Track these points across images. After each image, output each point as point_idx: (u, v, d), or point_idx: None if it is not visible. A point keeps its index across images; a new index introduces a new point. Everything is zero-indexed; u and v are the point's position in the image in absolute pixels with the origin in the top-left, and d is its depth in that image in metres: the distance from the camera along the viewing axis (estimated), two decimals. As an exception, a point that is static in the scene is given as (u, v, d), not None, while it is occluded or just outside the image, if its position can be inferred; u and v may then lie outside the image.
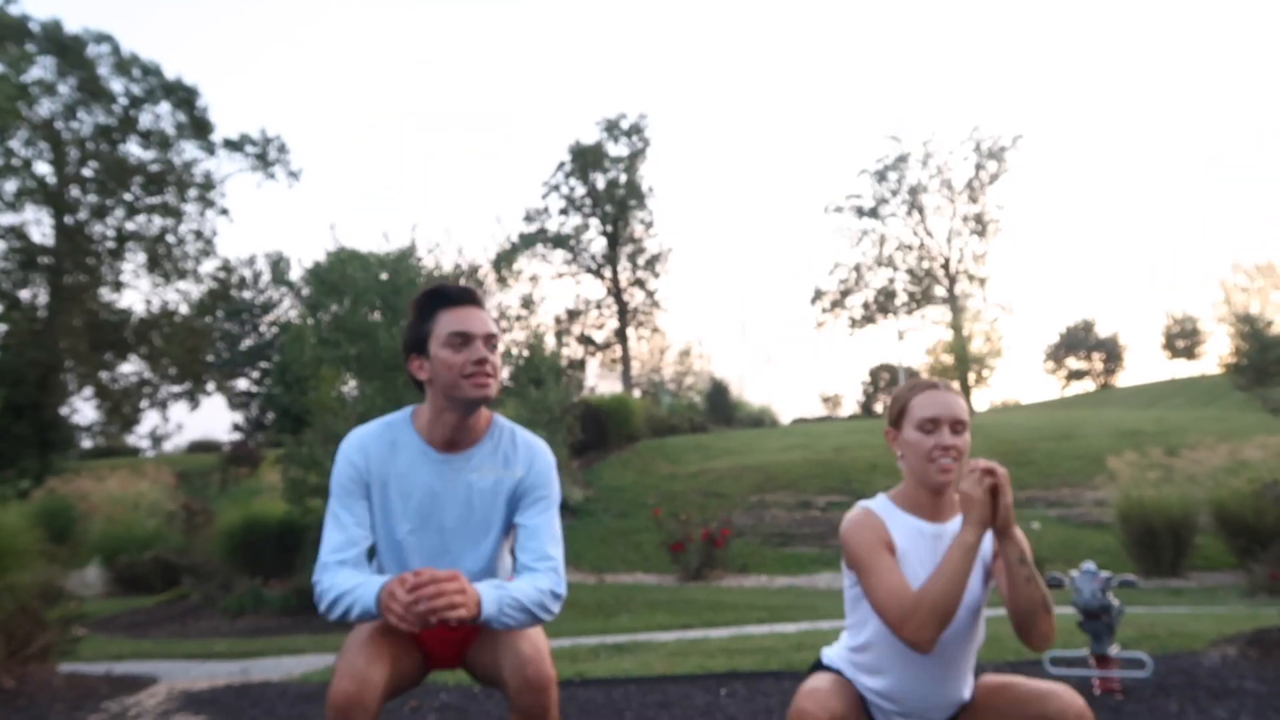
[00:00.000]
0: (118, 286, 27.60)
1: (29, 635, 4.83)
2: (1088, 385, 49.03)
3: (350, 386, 11.02)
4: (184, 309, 28.96)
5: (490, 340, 2.11)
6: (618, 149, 40.34)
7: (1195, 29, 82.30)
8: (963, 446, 2.00)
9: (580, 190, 40.22)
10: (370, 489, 2.15)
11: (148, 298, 28.52)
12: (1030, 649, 1.95)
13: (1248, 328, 28.24)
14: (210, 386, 33.27)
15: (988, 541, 2.02)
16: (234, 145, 28.06)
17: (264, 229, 71.07)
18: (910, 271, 43.83)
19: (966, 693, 2.08)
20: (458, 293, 2.14)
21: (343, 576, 2.01)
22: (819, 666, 2.17)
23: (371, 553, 2.19)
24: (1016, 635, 1.96)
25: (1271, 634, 4.22)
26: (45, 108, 24.81)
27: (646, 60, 77.81)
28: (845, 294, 44.73)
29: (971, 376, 34.85)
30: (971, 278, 43.27)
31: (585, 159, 39.70)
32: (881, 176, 43.84)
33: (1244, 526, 9.70)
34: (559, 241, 40.05)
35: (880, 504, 2.07)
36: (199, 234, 28.63)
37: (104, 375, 27.70)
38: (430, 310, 2.13)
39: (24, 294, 25.07)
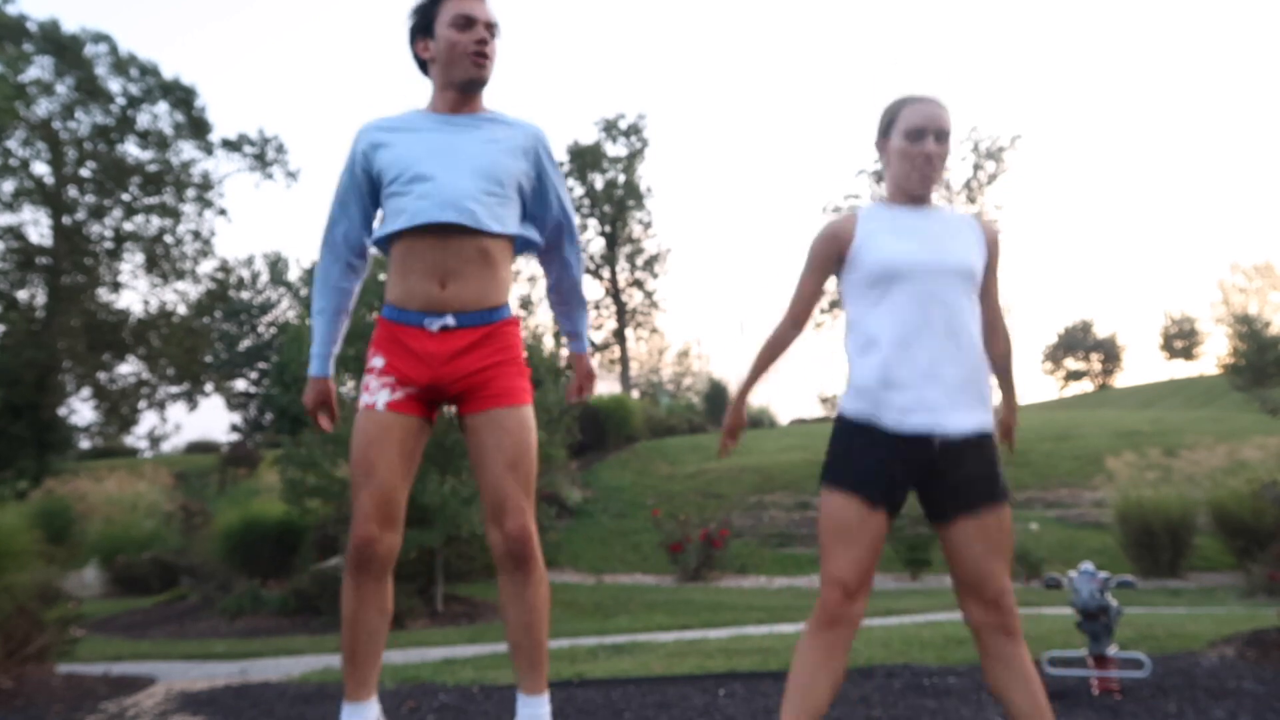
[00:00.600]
0: (116, 287, 27.58)
1: (27, 636, 4.83)
2: (1086, 386, 49.08)
3: (349, 387, 11.02)
4: (182, 309, 28.95)
5: (491, 28, 2.30)
6: (616, 149, 40.36)
7: (1194, 29, 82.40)
8: (942, 155, 2.13)
9: (579, 190, 40.23)
10: (373, 161, 2.32)
11: (146, 298, 28.50)
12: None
13: (1246, 328, 28.30)
14: (208, 387, 33.27)
15: (982, 237, 2.19)
16: (232, 145, 28.03)
17: (262, 229, 71.10)
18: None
19: (977, 393, 2.07)
20: None
21: (319, 298, 2.46)
22: (846, 429, 2.20)
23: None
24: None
25: (1270, 635, 4.22)
26: (43, 108, 24.79)
27: (645, 61, 77.85)
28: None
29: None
30: (970, 278, 43.35)
31: (583, 159, 39.70)
32: (880, 176, 43.84)
33: (1242, 527, 9.71)
34: (557, 242, 40.12)
35: (866, 206, 2.20)
36: (197, 234, 28.61)
37: (102, 376, 27.67)
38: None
39: (22, 294, 25.06)
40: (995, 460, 2.09)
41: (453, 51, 2.27)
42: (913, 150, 2.10)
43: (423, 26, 2.33)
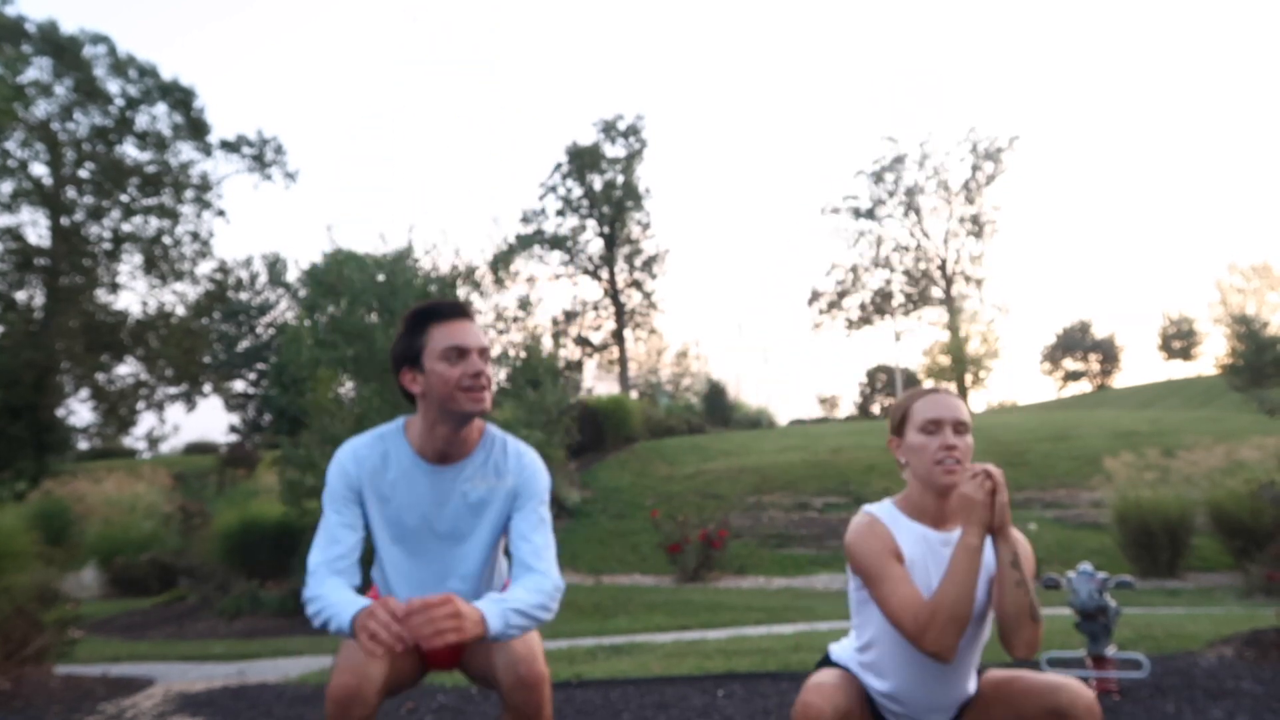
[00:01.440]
0: (114, 288, 27.56)
1: (25, 637, 4.83)
2: (1084, 386, 49.08)
3: (347, 388, 11.02)
4: (180, 310, 28.92)
5: (484, 354, 2.13)
6: (615, 150, 40.35)
7: (1192, 29, 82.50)
8: (966, 448, 2.00)
9: (577, 191, 40.22)
10: (363, 498, 2.16)
11: (144, 299, 28.49)
12: (1013, 656, 1.94)
13: (1244, 328, 28.32)
14: (207, 388, 33.23)
15: (991, 547, 2.03)
16: (230, 146, 28.03)
17: (261, 230, 71.09)
18: (907, 273, 43.90)
19: (970, 690, 2.09)
20: (450, 307, 2.16)
21: (328, 586, 2.01)
22: (826, 662, 2.18)
23: (368, 559, 2.20)
24: (1000, 640, 1.96)
25: (1268, 634, 4.23)
26: (41, 109, 24.78)
27: (643, 61, 77.87)
28: (842, 295, 44.79)
29: (968, 378, 34.92)
30: (968, 279, 43.36)
31: (582, 160, 39.69)
32: (878, 177, 43.90)
33: (1240, 527, 9.71)
34: (556, 243, 40.05)
35: (885, 510, 2.06)
36: (195, 235, 28.59)
37: (100, 377, 27.65)
38: (423, 324, 2.14)
39: (20, 295, 25.04)
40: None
41: (447, 388, 2.09)
42: (932, 444, 2.00)
43: (408, 358, 2.15)
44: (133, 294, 37.49)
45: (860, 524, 2.04)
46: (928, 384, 2.09)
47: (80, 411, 28.82)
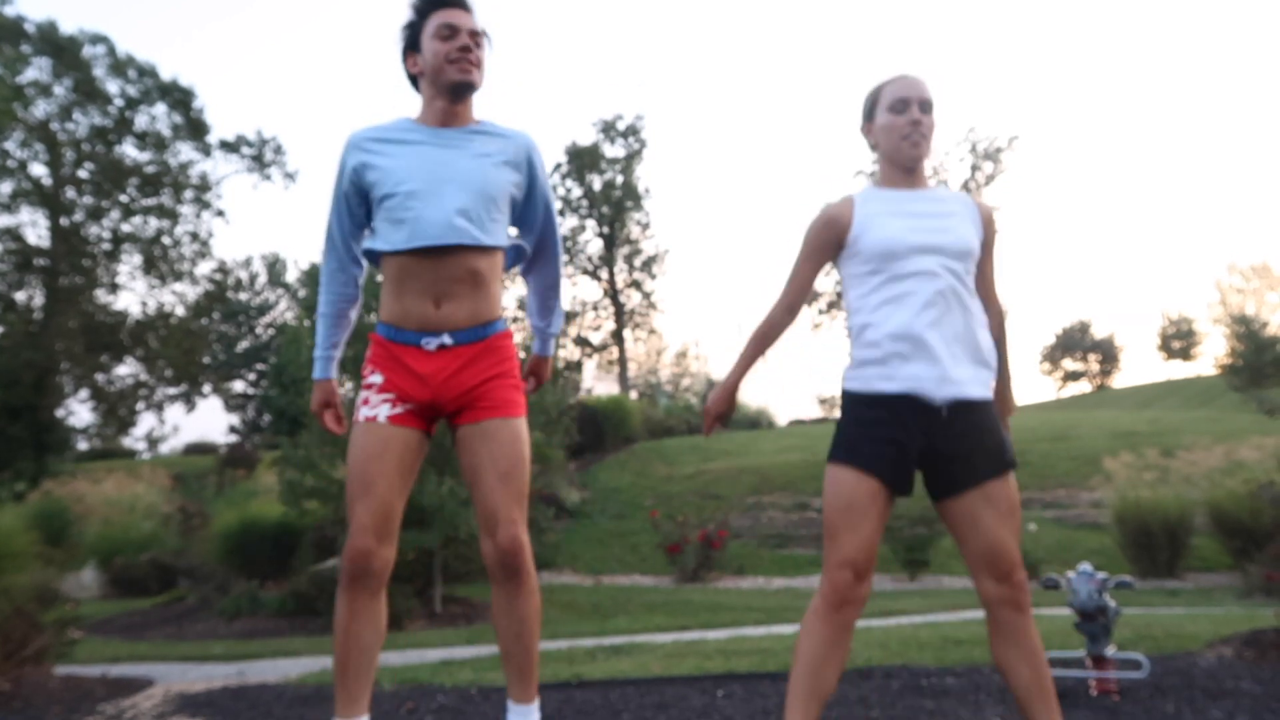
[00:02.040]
0: (114, 288, 27.53)
1: (25, 638, 4.82)
2: (1084, 386, 49.08)
3: (347, 389, 11.01)
4: (180, 311, 28.89)
5: (476, 36, 2.32)
6: (614, 150, 40.34)
7: (1193, 29, 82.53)
8: (930, 125, 2.14)
9: (577, 192, 40.21)
10: (368, 159, 2.31)
11: (144, 299, 28.46)
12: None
13: (1243, 329, 28.32)
14: (206, 389, 33.20)
15: (978, 217, 2.19)
16: (230, 146, 27.99)
17: (260, 230, 71.03)
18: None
19: (981, 357, 2.10)
20: None
21: (321, 299, 2.48)
22: (853, 404, 2.18)
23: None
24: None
25: (1268, 635, 4.23)
26: (41, 109, 24.76)
27: (643, 61, 77.85)
28: (841, 295, 44.78)
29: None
30: (968, 279, 43.37)
31: (581, 160, 39.68)
32: (878, 177, 43.87)
33: (1240, 527, 9.72)
34: (555, 243, 40.05)
35: (860, 192, 2.20)
36: (195, 236, 28.55)
37: (100, 377, 27.62)
38: (425, 10, 2.34)
39: (19, 296, 25.01)
40: (999, 429, 2.11)
41: (438, 60, 2.29)
42: (899, 121, 2.13)
43: (411, 43, 2.38)
44: (132, 294, 37.45)
45: (824, 210, 2.20)
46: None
47: (80, 412, 28.87)
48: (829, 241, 2.18)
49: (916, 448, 2.06)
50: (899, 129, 2.13)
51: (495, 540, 2.22)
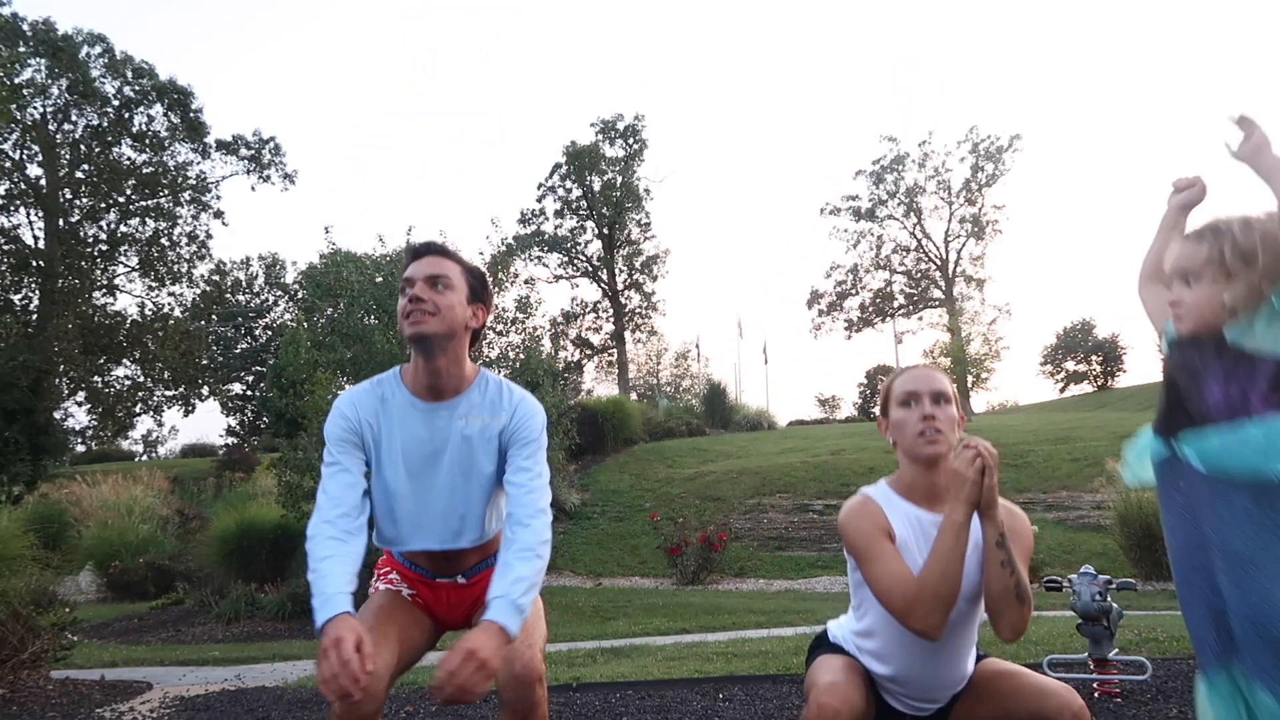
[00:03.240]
0: (111, 290, 27.51)
1: (22, 642, 4.80)
2: (1086, 387, 49.05)
3: (346, 390, 10.98)
4: (178, 312, 28.87)
5: (434, 280, 2.15)
6: (614, 151, 40.33)
7: (1194, 29, 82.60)
8: (947, 418, 2.00)
9: (576, 192, 40.20)
10: (364, 440, 2.19)
11: (141, 301, 28.44)
12: (1001, 639, 1.94)
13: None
14: (204, 390, 33.17)
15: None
16: (228, 147, 27.97)
17: (258, 231, 70.95)
18: (907, 273, 43.90)
19: (969, 671, 2.08)
20: (415, 248, 2.24)
21: (324, 563, 1.97)
22: (825, 641, 2.18)
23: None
24: (990, 623, 1.95)
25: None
26: (37, 109, 24.73)
27: (643, 61, 77.86)
28: (842, 296, 44.78)
29: (969, 379, 34.87)
30: (969, 280, 43.36)
31: (581, 161, 39.65)
32: (879, 178, 43.91)
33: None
34: (555, 244, 40.00)
35: (879, 491, 2.07)
36: (193, 237, 28.55)
37: (97, 379, 27.60)
38: (404, 270, 2.24)
39: (16, 298, 24.97)
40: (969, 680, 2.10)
41: (399, 318, 2.19)
42: (911, 416, 2.00)
43: None
44: (130, 296, 37.41)
45: (853, 504, 2.04)
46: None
47: (77, 414, 28.74)
48: (886, 528, 1.99)
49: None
50: (912, 425, 2.00)
51: (512, 667, 2.03)
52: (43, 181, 25.40)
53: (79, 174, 26.31)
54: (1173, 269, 1.87)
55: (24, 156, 25.21)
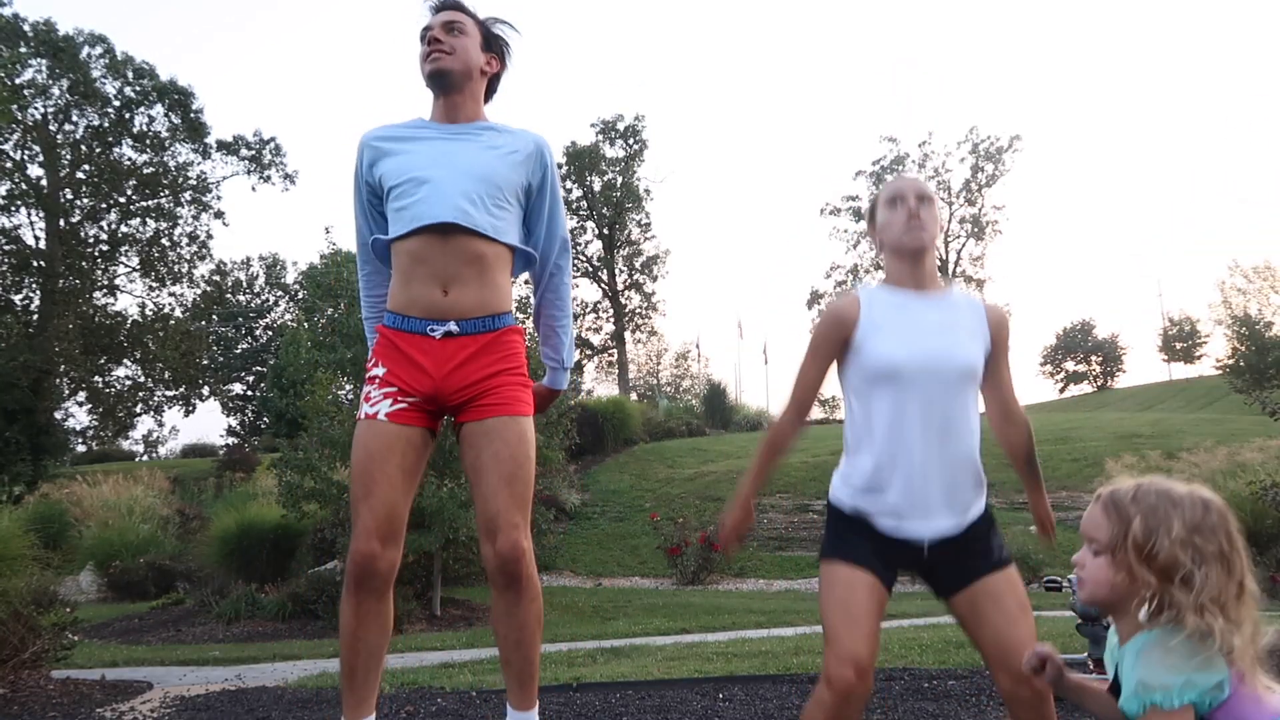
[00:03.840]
0: (112, 290, 27.50)
1: (22, 642, 4.79)
2: (1085, 387, 49.05)
3: (346, 390, 10.99)
4: (178, 313, 28.85)
5: (449, 25, 2.37)
6: (614, 151, 40.34)
7: (1194, 29, 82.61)
8: (930, 216, 2.11)
9: (576, 193, 40.21)
10: (381, 156, 2.35)
11: (142, 301, 28.44)
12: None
13: (1246, 330, 28.28)
14: (205, 391, 33.18)
15: (984, 324, 2.12)
16: (229, 148, 27.96)
17: (259, 232, 71.02)
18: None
19: (973, 457, 2.05)
20: (434, 5, 2.42)
21: (366, 292, 2.53)
22: (834, 521, 2.13)
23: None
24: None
25: (1270, 637, 4.19)
26: (38, 110, 24.72)
27: (643, 61, 77.89)
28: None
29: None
30: (969, 280, 43.39)
31: (581, 161, 39.67)
32: (878, 178, 43.93)
33: (1242, 529, 9.68)
34: (555, 244, 40.01)
35: (867, 289, 2.17)
36: (193, 237, 28.53)
37: (98, 379, 27.59)
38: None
39: (16, 298, 24.96)
40: (989, 535, 2.05)
41: (420, 61, 2.37)
42: (896, 214, 2.12)
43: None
44: (130, 296, 37.46)
45: (835, 302, 2.15)
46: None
47: (77, 414, 28.74)
48: (835, 340, 2.12)
49: (904, 565, 2.05)
50: (897, 221, 2.12)
51: (496, 546, 2.16)
52: (44, 182, 25.39)
53: (80, 174, 26.30)
54: (1082, 529, 1.66)
55: (25, 157, 25.19)
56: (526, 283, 11.97)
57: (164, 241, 28.08)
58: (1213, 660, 1.42)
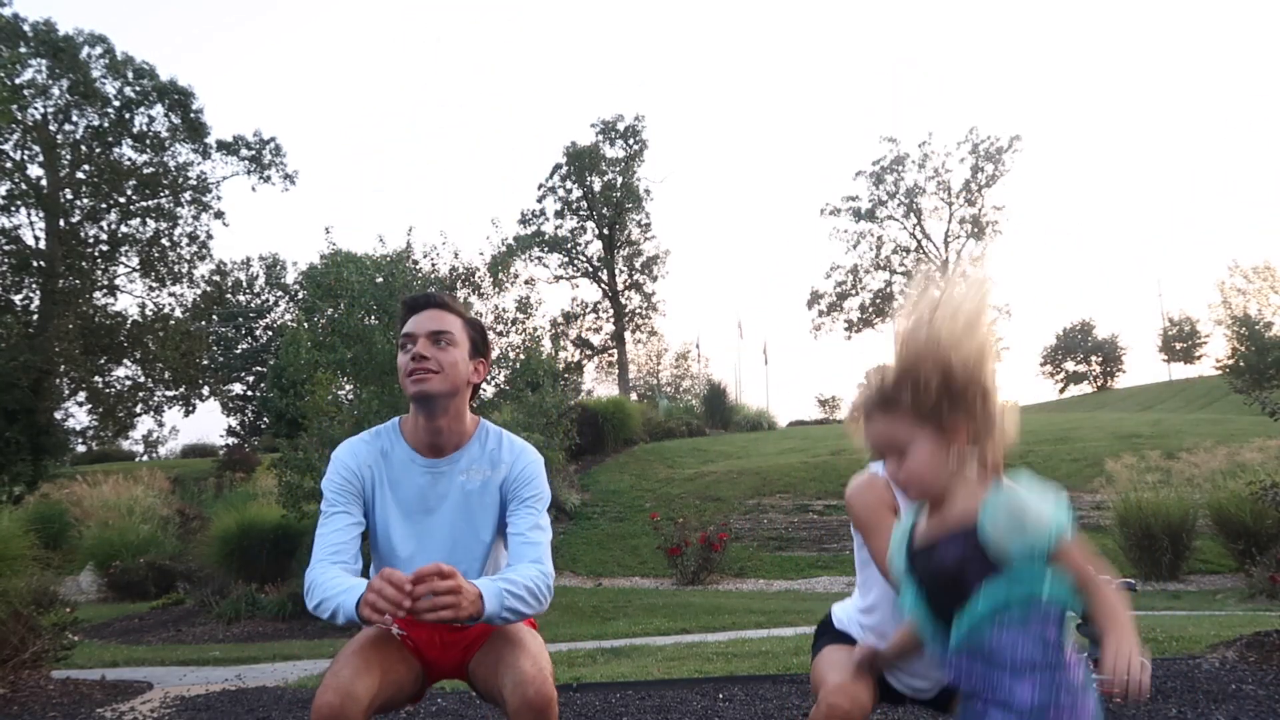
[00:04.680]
0: (112, 290, 27.50)
1: (23, 641, 4.80)
2: (1085, 388, 49.08)
3: (346, 390, 10.99)
4: (178, 313, 28.86)
5: (436, 336, 2.15)
6: (614, 151, 40.34)
7: (1196, 28, 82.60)
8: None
9: (577, 193, 40.20)
10: (365, 488, 2.17)
11: (142, 301, 28.44)
12: None
13: (1245, 330, 28.28)
14: (205, 391, 33.18)
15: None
16: (228, 148, 27.97)
17: (259, 232, 70.99)
18: (908, 274, 43.89)
19: None
20: (414, 301, 2.21)
21: (330, 575, 1.99)
22: (829, 628, 2.15)
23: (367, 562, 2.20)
24: None
25: (1270, 637, 4.21)
26: (38, 110, 24.72)
27: (643, 61, 77.89)
28: (842, 297, 44.79)
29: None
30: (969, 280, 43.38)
31: (581, 161, 39.67)
32: (878, 179, 43.93)
33: (1242, 529, 9.69)
34: (555, 244, 40.01)
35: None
36: (193, 237, 28.54)
37: (98, 380, 27.59)
38: (402, 321, 2.22)
39: (16, 298, 24.96)
40: None
41: (401, 374, 2.16)
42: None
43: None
44: (130, 296, 37.42)
45: (860, 479, 2.04)
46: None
47: (77, 414, 28.71)
48: (890, 503, 1.95)
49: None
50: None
51: (525, 694, 1.96)
52: (44, 182, 25.40)
53: (80, 174, 26.31)
54: (874, 445, 1.56)
55: (25, 157, 25.20)
56: (529, 281, 11.96)
57: (164, 241, 28.09)
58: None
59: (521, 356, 10.82)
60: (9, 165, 24.55)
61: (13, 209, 24.72)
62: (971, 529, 1.42)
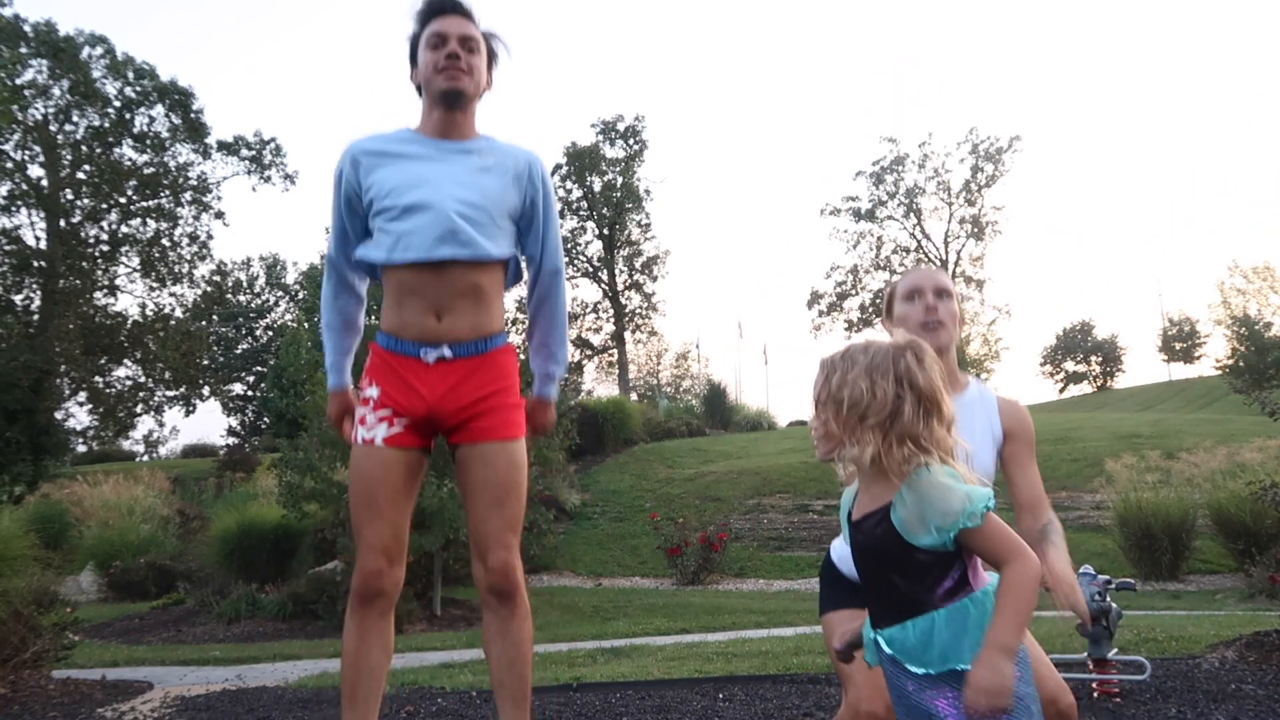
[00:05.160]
0: (112, 290, 27.49)
1: (23, 641, 4.80)
2: (1085, 388, 49.05)
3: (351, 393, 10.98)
4: (179, 313, 28.85)
5: (466, 42, 2.30)
6: (614, 151, 40.35)
7: (1196, 28, 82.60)
8: (948, 312, 2.06)
9: (577, 193, 40.21)
10: (366, 168, 2.30)
11: (142, 302, 28.44)
12: None
13: (1245, 330, 28.31)
14: (205, 391, 33.18)
15: (996, 421, 2.05)
16: (229, 148, 27.97)
17: (259, 232, 70.99)
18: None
19: None
20: (440, 4, 2.34)
21: (327, 316, 2.44)
22: (831, 572, 2.12)
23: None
24: None
25: (1270, 637, 4.22)
26: (39, 110, 24.73)
27: (643, 61, 77.92)
28: (842, 297, 44.80)
29: (968, 379, 34.92)
30: (969, 280, 43.40)
31: (581, 161, 39.67)
32: (878, 179, 43.94)
33: (1242, 529, 9.70)
34: (555, 244, 40.01)
35: None
36: (194, 237, 28.53)
37: (98, 380, 27.58)
38: (422, 21, 2.34)
39: (17, 298, 24.96)
40: None
41: (429, 69, 2.28)
42: (914, 309, 2.06)
43: (412, 56, 2.39)
44: (131, 296, 37.42)
45: None
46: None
47: (78, 415, 28.68)
48: None
49: None
50: (916, 318, 2.06)
51: (487, 565, 2.21)
52: (44, 182, 25.39)
53: (80, 175, 26.30)
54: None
55: (25, 157, 25.18)
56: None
57: (164, 242, 28.07)
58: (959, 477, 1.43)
59: (521, 356, 10.82)
60: (10, 165, 24.54)
61: (13, 209, 24.69)
62: (886, 510, 1.48)
